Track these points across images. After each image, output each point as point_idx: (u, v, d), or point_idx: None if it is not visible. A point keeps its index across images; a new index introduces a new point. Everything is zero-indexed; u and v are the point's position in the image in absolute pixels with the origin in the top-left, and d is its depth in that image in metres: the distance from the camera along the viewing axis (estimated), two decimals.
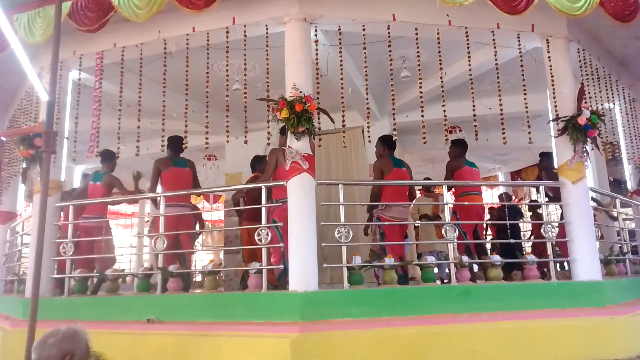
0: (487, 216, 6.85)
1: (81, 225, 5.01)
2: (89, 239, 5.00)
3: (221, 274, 4.82)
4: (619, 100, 6.06)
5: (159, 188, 5.14)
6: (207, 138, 4.23)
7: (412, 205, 6.30)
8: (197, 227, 5.65)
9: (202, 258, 10.05)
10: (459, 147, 5.44)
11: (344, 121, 4.20)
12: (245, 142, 4.85)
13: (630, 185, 6.40)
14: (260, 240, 3.92)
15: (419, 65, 4.29)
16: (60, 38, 3.26)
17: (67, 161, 5.15)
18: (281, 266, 4.10)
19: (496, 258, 4.30)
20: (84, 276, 4.64)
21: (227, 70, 4.27)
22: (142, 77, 4.53)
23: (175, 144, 5.09)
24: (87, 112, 4.82)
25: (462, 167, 5.26)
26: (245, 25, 4.23)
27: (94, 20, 4.21)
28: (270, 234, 3.93)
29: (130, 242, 10.23)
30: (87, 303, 4.47)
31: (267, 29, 4.22)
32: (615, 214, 5.52)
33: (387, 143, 5.07)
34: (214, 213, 12.29)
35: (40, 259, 2.71)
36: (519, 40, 4.54)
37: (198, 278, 6.26)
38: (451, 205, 4.70)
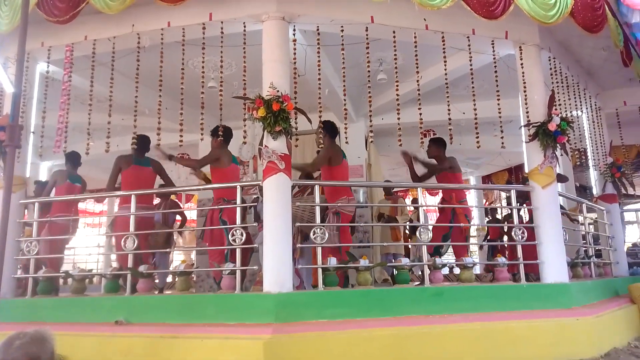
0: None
1: (54, 224, 4.90)
2: (59, 237, 4.90)
3: (193, 275, 4.73)
4: (586, 108, 6.26)
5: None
6: (181, 135, 4.15)
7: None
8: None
9: (173, 259, 9.85)
10: (439, 146, 5.40)
11: (320, 122, 4.20)
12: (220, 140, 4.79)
13: (595, 191, 6.62)
14: (234, 240, 3.88)
15: (396, 68, 4.32)
16: (28, 28, 3.13)
17: (33, 157, 4.96)
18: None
19: (469, 260, 4.37)
20: (49, 276, 4.47)
21: (202, 67, 4.19)
22: (114, 71, 4.40)
23: (143, 143, 4.93)
24: (54, 106, 4.65)
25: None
26: (222, 22, 4.16)
27: (64, 11, 4.07)
28: (244, 235, 3.89)
29: (98, 242, 9.93)
30: (52, 304, 4.30)
31: (244, 26, 4.16)
32: (579, 218, 5.69)
33: (331, 131, 4.68)
34: (185, 212, 12.06)
35: (2, 258, 2.59)
36: (493, 47, 4.64)
37: (169, 279, 6.13)
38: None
